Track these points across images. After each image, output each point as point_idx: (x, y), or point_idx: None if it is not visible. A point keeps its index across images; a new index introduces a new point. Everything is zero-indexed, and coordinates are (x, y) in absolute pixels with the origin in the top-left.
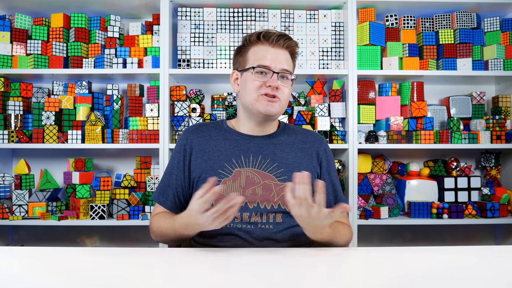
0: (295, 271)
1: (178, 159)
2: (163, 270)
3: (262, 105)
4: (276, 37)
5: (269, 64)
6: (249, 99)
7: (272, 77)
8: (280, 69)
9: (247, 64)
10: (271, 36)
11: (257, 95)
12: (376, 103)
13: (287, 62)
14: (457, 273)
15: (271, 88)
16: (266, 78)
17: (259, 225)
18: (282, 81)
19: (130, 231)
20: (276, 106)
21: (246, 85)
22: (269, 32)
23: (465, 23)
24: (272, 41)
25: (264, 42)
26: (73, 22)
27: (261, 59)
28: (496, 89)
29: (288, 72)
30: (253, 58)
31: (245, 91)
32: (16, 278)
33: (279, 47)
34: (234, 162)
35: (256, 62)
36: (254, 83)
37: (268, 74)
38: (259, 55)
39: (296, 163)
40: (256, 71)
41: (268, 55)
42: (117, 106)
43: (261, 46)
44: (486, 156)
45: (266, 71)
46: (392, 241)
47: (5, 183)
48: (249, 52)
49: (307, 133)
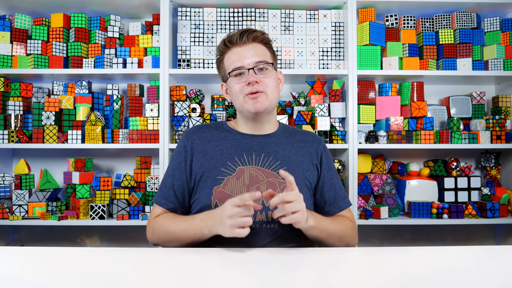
0: (295, 271)
1: (179, 160)
2: (163, 270)
3: (249, 105)
4: (239, 35)
5: (241, 64)
6: (238, 103)
7: (249, 73)
8: (252, 62)
9: (226, 72)
10: (234, 37)
11: (243, 97)
12: (376, 103)
13: (257, 54)
14: (457, 273)
15: (251, 85)
16: (245, 78)
17: (264, 225)
18: (262, 73)
19: (130, 231)
20: (263, 101)
21: (232, 92)
22: (231, 35)
23: (465, 23)
24: (236, 41)
25: (231, 47)
26: (73, 22)
27: (232, 63)
28: (496, 89)
29: (264, 62)
30: (228, 64)
31: (233, 98)
32: (16, 278)
33: (245, 43)
34: (237, 160)
35: (230, 67)
36: (236, 87)
37: (246, 73)
38: (230, 60)
39: (298, 161)
40: (232, 75)
41: (237, 56)
42: (117, 106)
43: (230, 51)
44: (486, 156)
45: (242, 71)
46: (392, 241)
47: (5, 183)
48: (224, 61)
49: (306, 134)
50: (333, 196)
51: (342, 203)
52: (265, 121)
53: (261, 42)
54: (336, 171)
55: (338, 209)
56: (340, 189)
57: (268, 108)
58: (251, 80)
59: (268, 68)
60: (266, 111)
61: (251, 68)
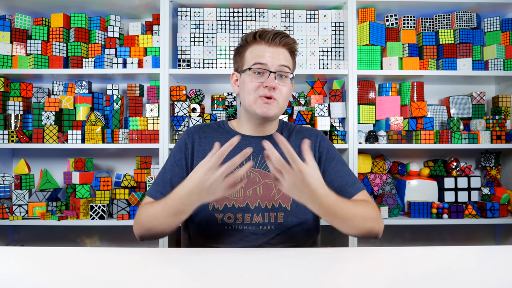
0: (294, 271)
1: (179, 157)
2: (163, 270)
3: (259, 107)
4: (273, 35)
5: (266, 62)
6: (247, 101)
7: (269, 76)
8: (278, 66)
9: (245, 65)
10: (268, 34)
11: (255, 97)
12: (376, 103)
13: (285, 59)
14: (457, 273)
15: (268, 89)
16: (263, 79)
17: (261, 227)
18: (281, 80)
19: (130, 231)
20: (273, 108)
21: (244, 87)
22: (265, 31)
23: (465, 23)
24: (269, 39)
25: (260, 42)
26: (73, 22)
27: (257, 58)
28: (496, 89)
29: (287, 68)
30: (250, 57)
31: (243, 93)
32: (16, 278)
33: (276, 45)
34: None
35: (253, 61)
36: (251, 84)
37: (265, 74)
38: (255, 54)
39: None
40: (253, 71)
41: (265, 53)
42: (117, 106)
43: (257, 46)
44: (486, 156)
45: (263, 70)
46: (392, 241)
47: (5, 183)
48: (247, 52)
49: (303, 130)
50: (340, 185)
51: (351, 189)
52: (268, 124)
53: (289, 50)
54: (341, 159)
55: (348, 196)
56: (348, 175)
57: (275, 116)
58: (270, 85)
59: (288, 76)
60: (272, 118)
61: (273, 72)
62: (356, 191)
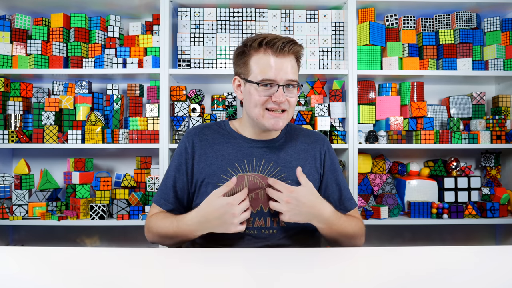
0: (295, 271)
1: (180, 161)
2: (163, 270)
3: (268, 121)
4: (281, 44)
5: (274, 77)
6: (254, 114)
7: (278, 90)
8: (286, 80)
9: (250, 75)
10: (276, 44)
11: (263, 110)
12: (376, 103)
13: (292, 71)
14: (457, 273)
15: (277, 103)
16: (271, 91)
17: (262, 231)
18: (288, 91)
19: (130, 231)
20: (282, 120)
21: (250, 98)
22: (272, 39)
23: (465, 23)
24: (277, 49)
25: (266, 50)
26: (73, 22)
27: (265, 72)
28: (496, 89)
29: (296, 82)
30: (256, 69)
31: (249, 104)
32: (16, 278)
33: (284, 55)
34: (237, 166)
35: (260, 75)
36: (259, 98)
37: (274, 87)
38: (262, 66)
39: (300, 166)
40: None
41: (272, 66)
42: (117, 106)
43: (263, 56)
44: (486, 156)
45: (272, 83)
46: (392, 241)
47: (5, 183)
48: (252, 61)
49: (309, 134)
50: (339, 197)
51: (348, 204)
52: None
53: (296, 56)
54: (341, 171)
55: (344, 210)
56: (346, 189)
57: (283, 126)
58: (280, 100)
59: (295, 86)
60: (281, 129)
61: (282, 85)
62: (352, 206)
